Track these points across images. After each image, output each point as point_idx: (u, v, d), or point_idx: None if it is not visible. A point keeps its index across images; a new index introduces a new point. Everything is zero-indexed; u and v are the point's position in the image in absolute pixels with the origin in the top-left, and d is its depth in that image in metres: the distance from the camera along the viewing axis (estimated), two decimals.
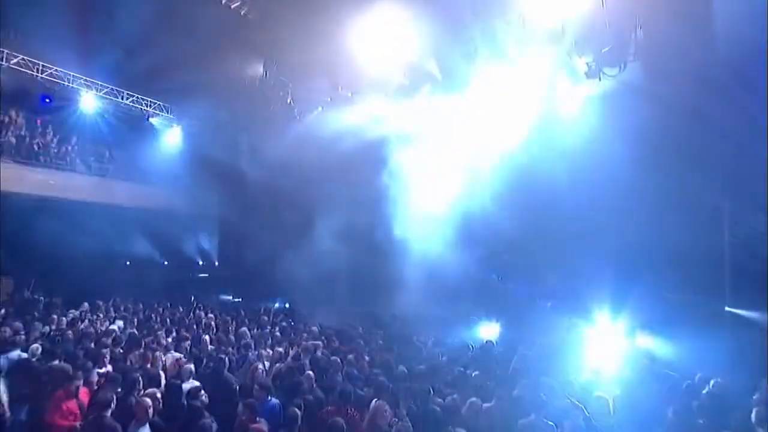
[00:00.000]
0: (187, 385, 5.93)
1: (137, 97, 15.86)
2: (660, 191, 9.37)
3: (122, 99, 15.51)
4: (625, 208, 9.57)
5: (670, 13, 9.51)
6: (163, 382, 6.38)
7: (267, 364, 7.11)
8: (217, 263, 18.61)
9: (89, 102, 14.88)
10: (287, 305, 14.38)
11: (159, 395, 5.17)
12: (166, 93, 16.18)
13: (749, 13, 8.36)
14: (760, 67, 8.26)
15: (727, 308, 8.67)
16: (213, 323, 10.04)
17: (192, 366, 6.35)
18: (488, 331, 9.96)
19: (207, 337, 8.32)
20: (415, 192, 12.24)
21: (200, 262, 18.65)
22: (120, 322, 9.66)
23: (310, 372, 6.26)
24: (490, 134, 11.84)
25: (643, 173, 9.49)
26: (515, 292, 10.63)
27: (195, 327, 9.68)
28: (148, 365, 6.55)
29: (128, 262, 17.36)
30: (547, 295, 10.24)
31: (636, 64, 10.05)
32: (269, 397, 5.47)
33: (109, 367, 6.38)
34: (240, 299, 15.70)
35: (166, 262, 18.25)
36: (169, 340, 8.35)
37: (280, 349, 8.07)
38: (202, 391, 5.46)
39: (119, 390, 5.33)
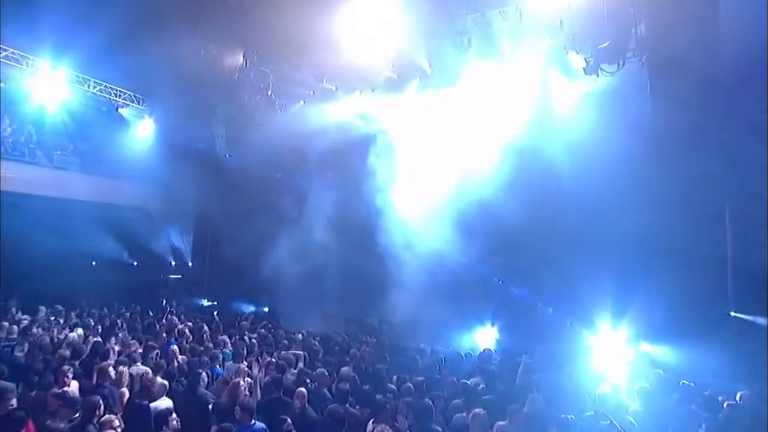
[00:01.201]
0: (157, 405, 5.17)
1: (105, 86, 14.78)
2: (661, 191, 9.06)
3: (88, 87, 14.40)
4: (625, 208, 9.24)
5: (671, 9, 9.24)
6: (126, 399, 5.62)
7: (249, 379, 6.37)
8: (190, 264, 17.62)
9: (51, 89, 13.73)
10: (267, 309, 13.57)
11: (117, 423, 4.37)
12: (137, 82, 15.14)
13: (754, 8, 8.11)
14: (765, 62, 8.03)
15: (732, 313, 8.37)
16: (187, 330, 9.20)
17: (165, 381, 5.57)
18: (485, 337, 9.44)
19: (176, 348, 7.50)
20: (405, 190, 11.66)
21: (172, 263, 17.63)
22: (80, 330, 8.69)
23: (303, 389, 5.56)
24: (483, 132, 11.39)
25: (644, 172, 9.18)
26: (514, 295, 10.13)
27: (166, 335, 8.82)
28: (109, 382, 5.70)
29: (94, 263, 16.24)
30: (547, 299, 9.78)
31: (636, 59, 9.73)
32: (253, 421, 4.76)
33: (74, 386, 5.52)
34: (215, 302, 14.80)
35: (135, 263, 17.23)
36: (137, 349, 7.50)
37: (262, 360, 7.34)
38: (174, 414, 4.71)
39: (76, 416, 4.53)
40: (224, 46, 13.97)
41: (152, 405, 5.06)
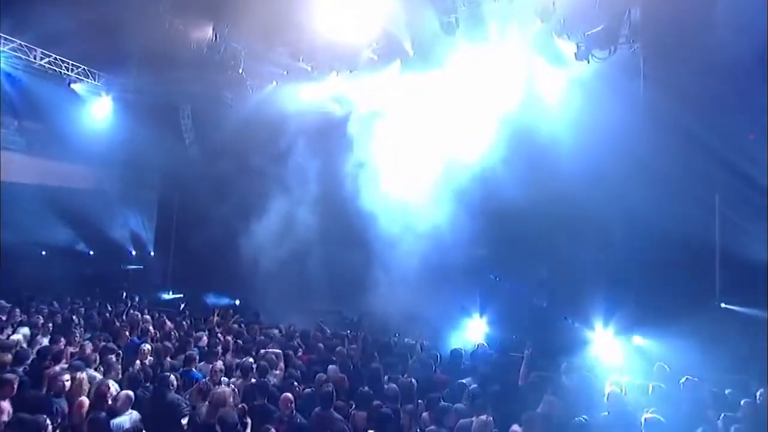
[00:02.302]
0: (122, 420, 4.46)
1: (55, 58, 13.36)
2: (652, 180, 8.90)
3: (35, 58, 12.97)
4: (615, 197, 9.05)
5: None
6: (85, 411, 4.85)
7: (226, 379, 5.73)
8: (152, 253, 16.50)
9: None
10: (238, 302, 12.79)
11: None
12: (92, 55, 13.80)
13: None
14: (759, 54, 7.92)
15: (722, 305, 8.34)
16: (151, 327, 8.37)
17: (130, 392, 4.83)
18: (475, 330, 9.08)
19: (147, 347, 6.72)
20: (388, 176, 11.11)
21: (133, 252, 16.45)
22: (26, 329, 7.70)
23: (289, 394, 4.96)
24: (468, 115, 10.96)
25: (634, 161, 9.00)
26: (505, 285, 9.81)
27: (129, 333, 7.97)
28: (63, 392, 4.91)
29: (43, 252, 14.92)
30: (538, 290, 9.52)
31: (628, 46, 9.51)
32: None
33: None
34: (182, 295, 13.88)
35: (90, 252, 15.97)
36: (95, 351, 6.65)
37: (237, 361, 6.66)
38: None
39: None
40: (192, 17, 12.86)
41: (117, 421, 4.35)
